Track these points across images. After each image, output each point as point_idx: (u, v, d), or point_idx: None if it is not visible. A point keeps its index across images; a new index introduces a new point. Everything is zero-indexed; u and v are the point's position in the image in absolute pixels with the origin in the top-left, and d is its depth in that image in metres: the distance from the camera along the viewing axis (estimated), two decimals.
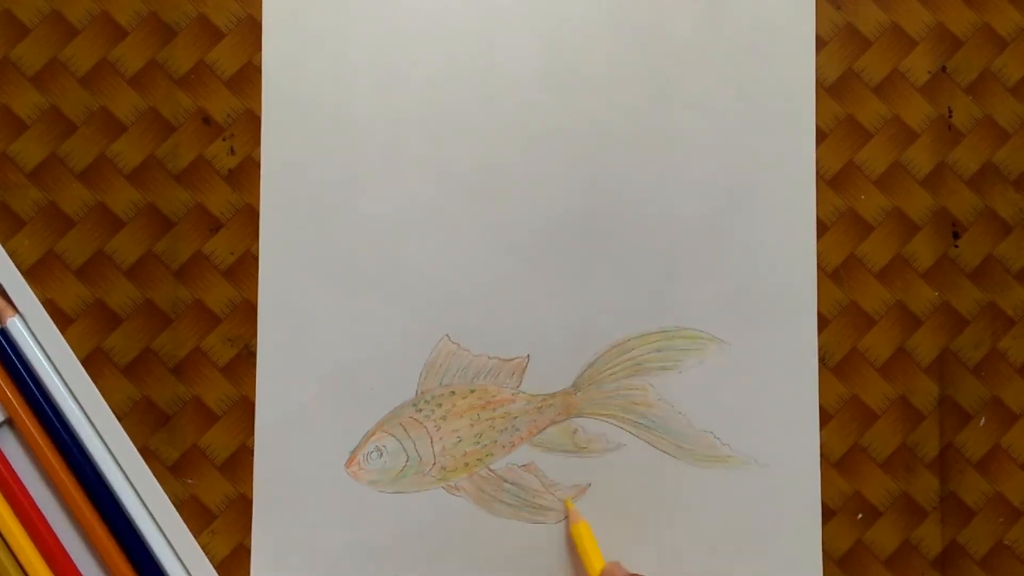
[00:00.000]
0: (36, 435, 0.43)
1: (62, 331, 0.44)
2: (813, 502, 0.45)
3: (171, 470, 0.44)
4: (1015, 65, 0.47)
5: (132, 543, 0.43)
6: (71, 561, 0.43)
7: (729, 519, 0.45)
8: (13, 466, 0.43)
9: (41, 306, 0.44)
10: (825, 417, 0.45)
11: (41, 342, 0.43)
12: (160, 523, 0.43)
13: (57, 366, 0.43)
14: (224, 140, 0.45)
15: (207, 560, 0.43)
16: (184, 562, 0.43)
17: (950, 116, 0.46)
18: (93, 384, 0.44)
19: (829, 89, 0.46)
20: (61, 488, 0.43)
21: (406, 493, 0.44)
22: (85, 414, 0.43)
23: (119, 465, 0.43)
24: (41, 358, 0.43)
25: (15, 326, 0.43)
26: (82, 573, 0.43)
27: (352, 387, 0.44)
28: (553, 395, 0.45)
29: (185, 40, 0.45)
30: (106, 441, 0.43)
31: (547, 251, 0.45)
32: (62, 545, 0.43)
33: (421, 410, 0.44)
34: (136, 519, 0.43)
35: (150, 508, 0.43)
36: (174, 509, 0.43)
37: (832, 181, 0.46)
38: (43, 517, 0.43)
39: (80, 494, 0.43)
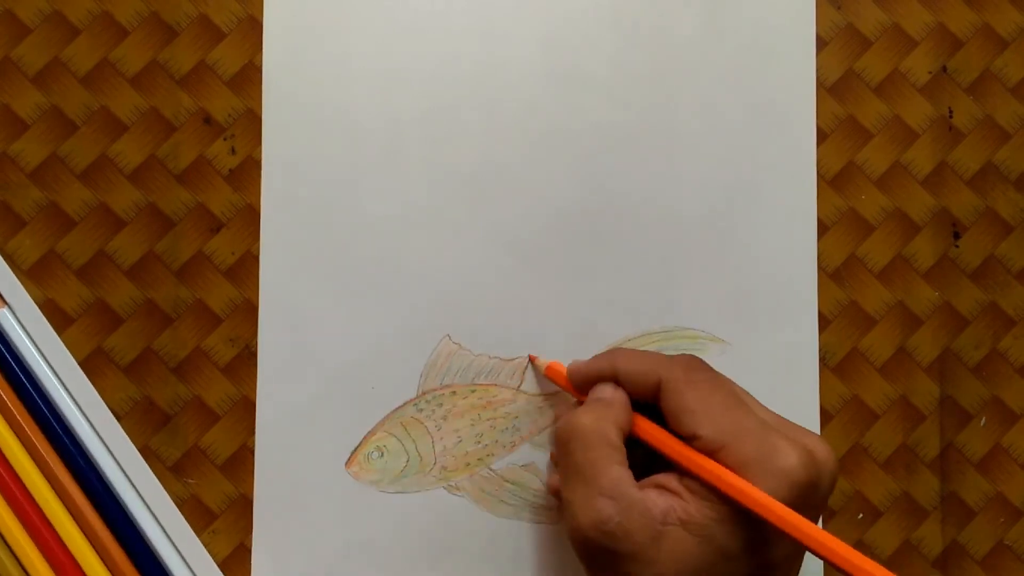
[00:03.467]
0: (32, 434, 0.43)
1: (63, 331, 0.44)
2: None
3: (172, 470, 0.44)
4: (1015, 65, 0.47)
5: (134, 544, 0.43)
6: (73, 561, 0.42)
7: None
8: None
9: (32, 301, 0.44)
10: (826, 417, 0.45)
11: (34, 338, 0.43)
12: (163, 523, 0.43)
13: (52, 364, 0.43)
14: (225, 140, 0.45)
15: (211, 560, 0.43)
16: (188, 563, 0.43)
17: (950, 116, 0.46)
18: (90, 383, 0.44)
19: (830, 89, 0.46)
20: (58, 487, 0.43)
21: (407, 493, 0.44)
22: (83, 414, 0.43)
23: (120, 465, 0.43)
24: (36, 356, 0.43)
25: (5, 318, 0.43)
26: (84, 573, 0.43)
27: (353, 387, 0.44)
28: (554, 395, 0.45)
29: (186, 40, 0.45)
30: (106, 441, 0.43)
31: (547, 251, 0.45)
32: (64, 545, 0.42)
33: (422, 410, 0.44)
34: (138, 519, 0.43)
35: (152, 508, 0.43)
36: (176, 509, 0.43)
37: (833, 181, 0.46)
38: (44, 516, 0.43)
39: (80, 494, 0.43)
